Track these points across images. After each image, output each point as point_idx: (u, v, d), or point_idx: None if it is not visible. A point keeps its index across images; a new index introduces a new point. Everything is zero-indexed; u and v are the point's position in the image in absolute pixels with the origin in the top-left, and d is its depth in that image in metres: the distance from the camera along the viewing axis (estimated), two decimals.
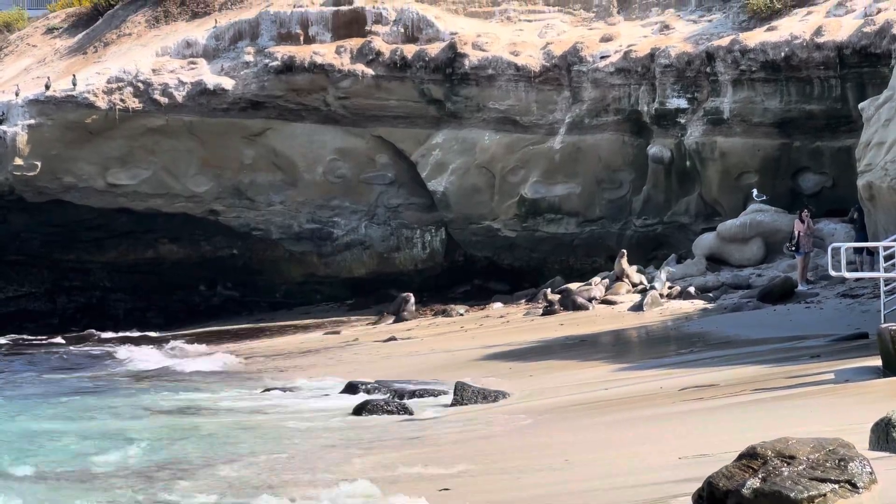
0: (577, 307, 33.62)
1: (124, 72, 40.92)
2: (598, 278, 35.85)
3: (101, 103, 40.51)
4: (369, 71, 39.63)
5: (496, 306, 36.81)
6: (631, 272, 35.22)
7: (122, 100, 40.56)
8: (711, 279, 34.18)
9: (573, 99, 38.53)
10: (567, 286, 35.74)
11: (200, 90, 40.37)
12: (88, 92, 40.58)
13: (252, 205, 41.44)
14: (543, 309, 34.36)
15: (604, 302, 34.17)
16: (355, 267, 41.73)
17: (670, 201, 37.77)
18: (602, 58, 38.19)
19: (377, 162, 40.66)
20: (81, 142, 40.96)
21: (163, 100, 40.48)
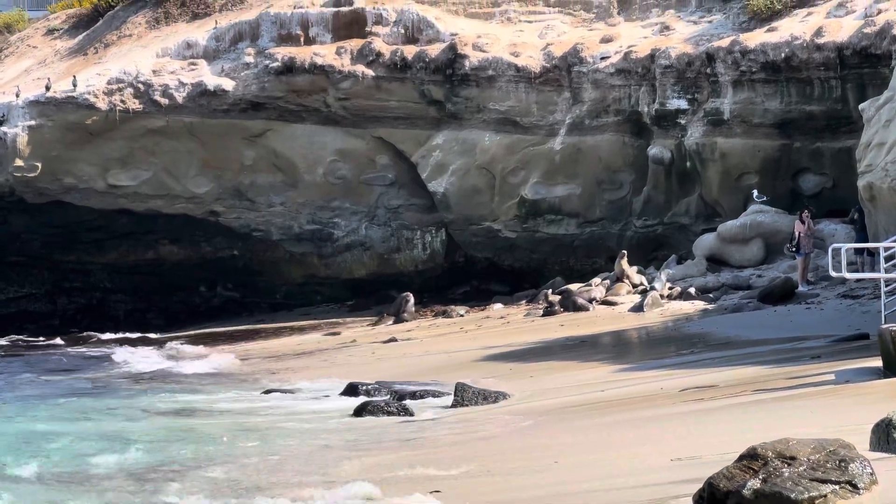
0: (578, 308, 33.61)
1: (125, 73, 40.91)
2: (599, 279, 35.84)
3: (102, 104, 40.50)
4: (369, 72, 39.61)
5: (496, 307, 36.80)
6: (631, 273, 35.21)
7: (123, 101, 40.55)
8: (712, 280, 34.16)
9: (573, 100, 38.52)
10: (567, 287, 35.73)
11: (201, 91, 40.36)
12: (89, 93, 40.57)
13: (252, 206, 41.43)
14: (544, 310, 34.36)
15: (604, 303, 34.16)
16: (355, 268, 41.71)
17: (670, 202, 37.76)
18: (602, 59, 38.18)
19: (377, 163, 40.64)
20: (82, 143, 40.95)
21: (163, 101, 40.47)
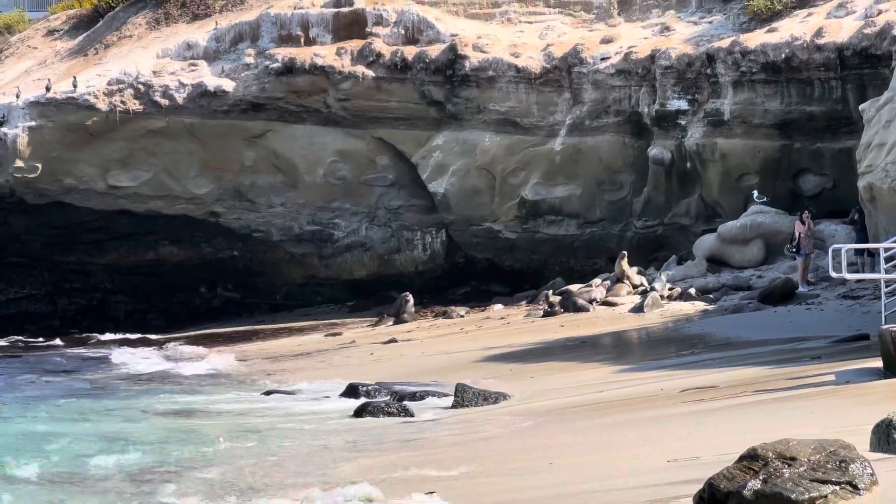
0: (578, 309, 33.61)
1: (125, 74, 40.92)
2: (599, 280, 35.84)
3: (102, 105, 40.51)
4: (370, 73, 39.61)
5: (497, 308, 36.79)
6: (631, 274, 35.20)
7: (123, 102, 40.55)
8: (712, 280, 34.15)
9: (574, 100, 38.51)
10: (568, 288, 35.73)
11: (201, 92, 40.36)
12: (89, 94, 40.57)
13: (252, 206, 41.43)
14: (544, 310, 34.35)
15: (604, 303, 34.16)
16: (356, 269, 41.71)
17: (671, 203, 37.75)
18: (602, 59, 38.17)
19: (378, 164, 40.64)
20: (82, 144, 40.96)
21: (163, 102, 40.48)
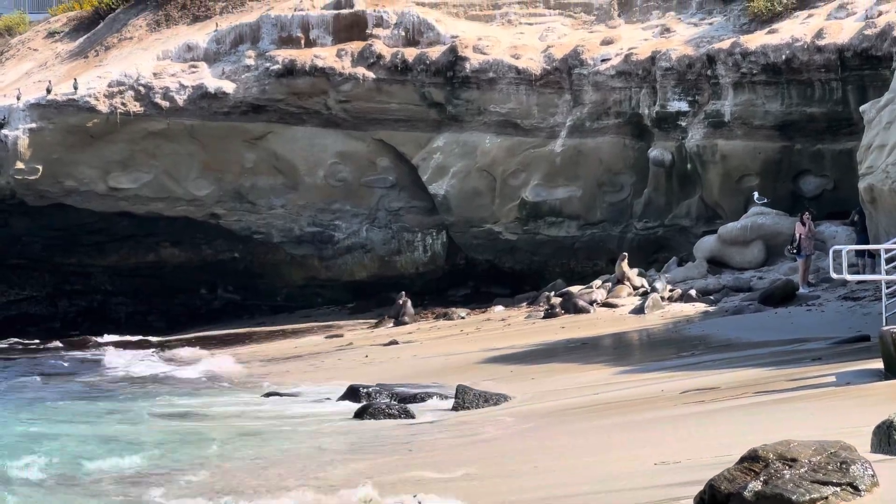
0: (579, 310, 33.59)
1: (125, 75, 40.92)
2: (600, 281, 35.82)
3: (103, 107, 40.51)
4: (370, 74, 39.61)
5: (497, 309, 36.77)
6: (632, 275, 35.19)
7: (124, 103, 40.55)
8: (712, 282, 34.14)
9: (574, 102, 38.50)
10: (568, 289, 35.70)
11: (201, 94, 40.36)
12: (90, 96, 40.57)
13: (253, 208, 41.43)
14: (545, 312, 34.33)
15: (605, 305, 34.14)
16: (356, 270, 41.70)
17: (671, 204, 37.74)
18: (603, 61, 38.15)
19: (378, 165, 40.63)
20: (83, 145, 40.95)
21: (164, 103, 40.48)
